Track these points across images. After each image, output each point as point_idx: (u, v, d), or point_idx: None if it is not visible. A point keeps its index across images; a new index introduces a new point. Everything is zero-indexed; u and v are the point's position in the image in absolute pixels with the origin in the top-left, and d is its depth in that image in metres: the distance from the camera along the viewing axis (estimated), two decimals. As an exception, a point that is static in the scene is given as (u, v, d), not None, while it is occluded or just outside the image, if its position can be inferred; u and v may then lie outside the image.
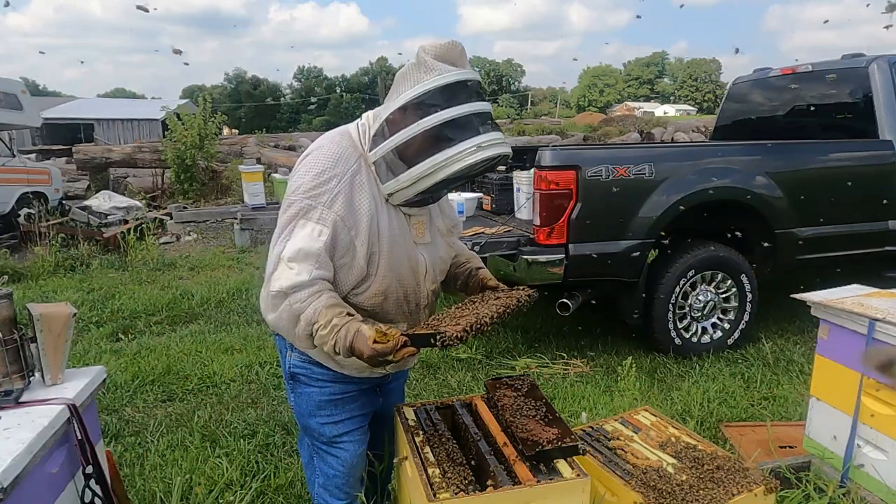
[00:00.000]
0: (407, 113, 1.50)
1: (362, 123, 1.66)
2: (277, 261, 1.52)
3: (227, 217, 9.79)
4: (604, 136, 20.97)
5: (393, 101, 1.54)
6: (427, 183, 1.52)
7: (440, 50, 1.51)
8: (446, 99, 1.47)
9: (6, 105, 9.31)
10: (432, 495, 1.50)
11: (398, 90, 1.53)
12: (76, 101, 36.55)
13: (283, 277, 1.49)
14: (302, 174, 1.56)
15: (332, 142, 1.61)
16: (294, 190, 1.55)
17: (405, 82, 1.52)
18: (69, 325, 1.69)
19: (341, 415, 1.77)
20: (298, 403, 1.80)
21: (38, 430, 1.43)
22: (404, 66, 1.57)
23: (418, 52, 1.52)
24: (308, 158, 1.59)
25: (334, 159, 1.56)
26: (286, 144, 19.12)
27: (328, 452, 1.80)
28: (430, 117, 1.47)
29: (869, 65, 4.34)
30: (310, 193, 1.53)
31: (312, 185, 1.53)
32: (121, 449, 2.90)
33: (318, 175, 1.54)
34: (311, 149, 1.62)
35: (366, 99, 61.96)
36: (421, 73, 1.49)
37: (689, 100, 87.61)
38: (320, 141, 1.64)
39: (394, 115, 1.53)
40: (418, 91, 1.48)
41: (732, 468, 1.87)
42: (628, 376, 3.30)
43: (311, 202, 1.52)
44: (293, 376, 1.77)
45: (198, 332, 4.65)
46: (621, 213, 3.63)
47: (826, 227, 4.07)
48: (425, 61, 1.49)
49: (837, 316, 2.30)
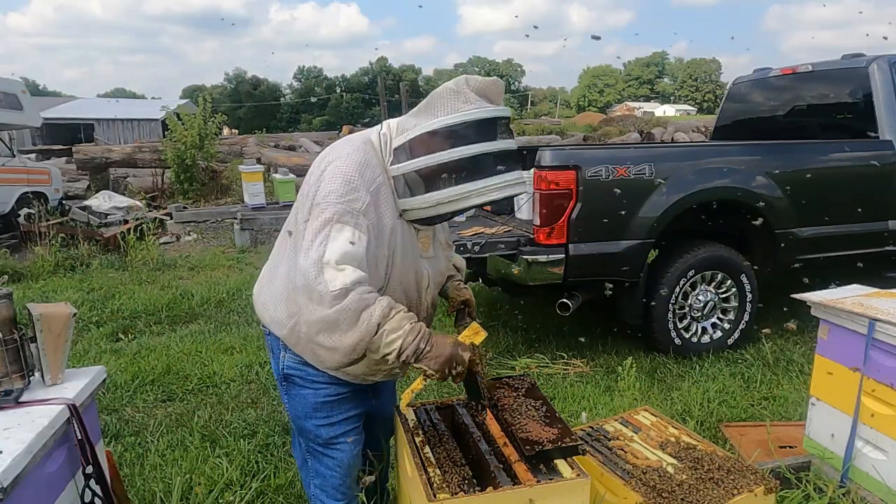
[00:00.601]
0: (439, 138, 1.51)
1: (383, 133, 1.64)
2: (321, 265, 1.46)
3: (227, 217, 9.78)
4: (604, 136, 20.97)
5: (425, 120, 1.54)
6: (448, 209, 1.56)
7: (482, 85, 1.54)
8: (481, 133, 1.51)
9: (6, 105, 9.31)
10: (432, 495, 1.50)
11: (432, 111, 1.54)
12: (76, 101, 36.56)
13: (338, 277, 1.45)
14: (330, 180, 1.53)
15: (357, 150, 1.59)
16: (325, 195, 1.51)
17: (441, 107, 1.53)
18: (69, 325, 1.69)
19: (337, 416, 1.76)
20: (293, 406, 1.78)
21: (38, 430, 1.43)
22: (441, 87, 1.57)
23: (459, 81, 1.54)
24: (334, 165, 1.56)
25: (361, 168, 1.55)
26: (286, 144, 19.13)
27: (324, 454, 1.79)
28: (465, 148, 1.49)
29: (869, 65, 4.34)
30: (344, 199, 1.50)
31: (345, 192, 1.51)
32: (121, 449, 2.90)
33: (348, 182, 1.52)
34: (335, 155, 1.59)
35: (365, 99, 61.96)
36: (459, 103, 1.51)
37: (689, 100, 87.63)
38: (344, 148, 1.61)
39: (424, 136, 1.53)
40: (455, 120, 1.50)
41: (732, 468, 1.87)
42: (628, 376, 3.30)
43: (346, 207, 1.50)
44: (287, 378, 1.75)
45: (198, 332, 4.65)
46: (621, 213, 3.63)
47: (826, 227, 4.06)
48: (466, 93, 1.52)
49: (837, 316, 2.30)
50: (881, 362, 2.15)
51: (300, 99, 71.01)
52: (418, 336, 1.50)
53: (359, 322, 1.45)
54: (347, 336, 1.46)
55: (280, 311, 1.69)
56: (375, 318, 1.46)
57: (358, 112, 61.54)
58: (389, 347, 1.48)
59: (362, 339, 1.46)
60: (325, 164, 1.58)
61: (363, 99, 63.53)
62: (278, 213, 8.58)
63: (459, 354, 1.54)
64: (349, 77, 77.26)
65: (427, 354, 1.50)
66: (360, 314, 1.45)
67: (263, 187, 8.97)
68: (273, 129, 48.92)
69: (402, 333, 1.48)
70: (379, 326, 1.46)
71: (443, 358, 1.51)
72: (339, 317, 1.45)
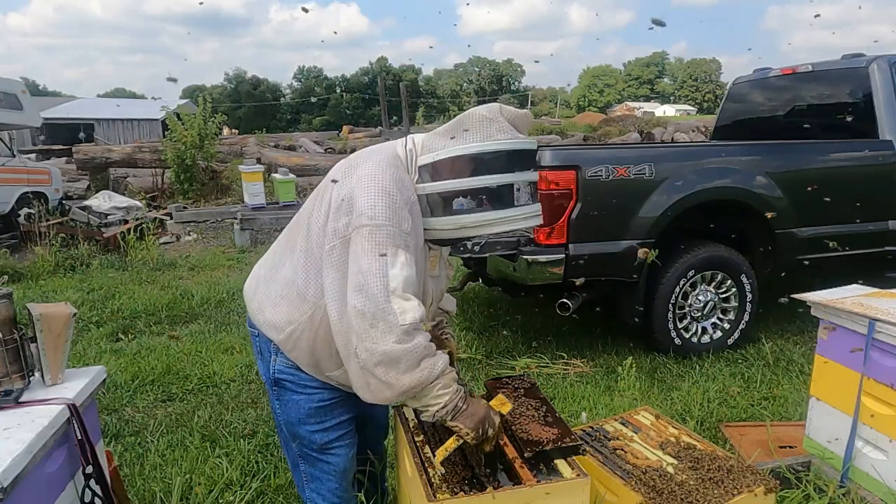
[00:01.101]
0: (470, 162, 1.52)
1: (410, 149, 1.61)
2: (387, 293, 1.43)
3: (227, 217, 9.79)
4: (604, 136, 20.97)
5: (455, 143, 1.54)
6: (470, 233, 1.58)
7: (514, 116, 1.57)
8: (512, 163, 1.53)
9: (6, 105, 9.31)
10: (432, 495, 1.50)
11: (462, 134, 1.54)
12: (76, 101, 36.55)
13: (407, 311, 1.44)
14: (373, 197, 1.47)
15: (391, 165, 1.56)
16: (373, 215, 1.45)
17: (474, 132, 1.53)
18: (69, 325, 1.69)
19: (331, 421, 1.73)
20: (286, 412, 1.75)
21: (38, 430, 1.43)
22: (472, 112, 1.57)
23: (493, 109, 1.55)
24: (373, 180, 1.50)
25: (399, 184, 1.52)
26: (286, 144, 19.11)
27: (319, 459, 1.77)
28: (498, 176, 1.52)
29: (869, 65, 4.34)
30: (392, 220, 1.46)
31: (391, 211, 1.47)
32: (121, 449, 2.90)
33: (392, 200, 1.48)
34: (369, 169, 1.53)
35: (365, 99, 61.98)
36: (493, 130, 1.52)
37: (689, 100, 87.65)
38: (377, 160, 1.56)
39: (454, 158, 1.53)
40: (490, 147, 1.51)
41: (732, 468, 1.87)
42: (628, 376, 3.30)
43: (396, 229, 1.47)
44: (278, 382, 1.72)
45: (198, 332, 4.65)
46: (621, 213, 3.63)
47: (826, 228, 4.06)
48: (500, 121, 1.54)
49: (837, 316, 2.30)
50: (881, 362, 2.15)
51: (300, 99, 71.03)
52: (459, 395, 1.51)
53: (419, 368, 1.45)
54: (405, 377, 1.44)
55: (279, 315, 1.65)
56: (437, 369, 1.47)
57: (358, 112, 61.60)
58: (436, 400, 1.48)
59: (419, 384, 1.45)
60: (358, 178, 1.52)
61: (363, 99, 63.54)
62: (278, 213, 8.59)
63: (492, 417, 1.54)
64: (349, 77, 77.30)
65: (463, 412, 1.50)
66: (422, 361, 1.45)
67: (263, 187, 8.98)
68: (273, 129, 48.92)
69: (450, 391, 1.49)
70: (437, 378, 1.47)
71: (477, 418, 1.51)
72: (403, 356, 1.43)
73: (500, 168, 1.52)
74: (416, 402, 1.51)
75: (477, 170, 1.51)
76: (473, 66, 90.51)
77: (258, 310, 1.72)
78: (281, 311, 1.65)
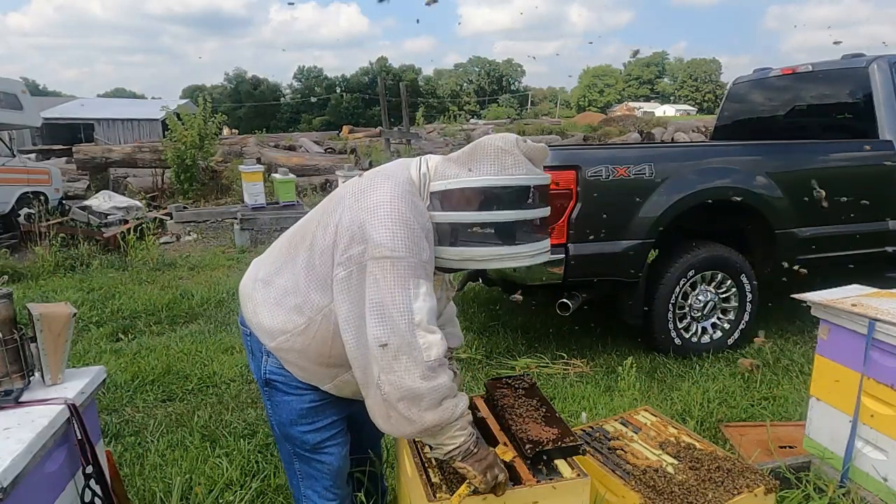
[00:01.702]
0: (481, 194, 1.49)
1: (424, 173, 1.57)
2: (413, 327, 1.42)
3: (227, 217, 9.79)
4: (604, 136, 20.98)
5: (470, 172, 1.50)
6: (476, 266, 1.57)
7: (531, 149, 1.53)
8: (524, 198, 1.51)
9: (6, 105, 9.31)
10: (432, 495, 1.50)
11: (478, 164, 1.50)
12: (76, 101, 36.56)
13: (432, 346, 1.44)
14: (391, 229, 1.44)
15: (406, 191, 1.51)
16: (394, 247, 1.42)
17: (489, 164, 1.49)
18: (69, 325, 1.69)
19: (323, 421, 1.73)
20: (277, 412, 1.75)
21: (38, 429, 1.43)
22: (487, 141, 1.53)
23: (509, 140, 1.51)
24: (389, 210, 1.46)
25: (415, 212, 1.48)
26: (286, 144, 19.12)
27: (312, 458, 1.77)
28: (509, 213, 1.49)
29: (869, 65, 4.34)
30: (412, 250, 1.44)
31: (411, 241, 1.44)
32: (121, 449, 2.90)
33: (410, 228, 1.45)
34: (384, 195, 1.49)
35: (366, 99, 61.97)
36: (508, 163, 1.48)
37: (689, 100, 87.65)
38: (392, 190, 1.50)
39: (466, 189, 1.50)
40: (502, 182, 1.48)
41: (732, 468, 1.87)
42: (628, 376, 3.30)
43: (417, 259, 1.44)
44: (269, 383, 1.72)
45: (198, 332, 4.65)
46: (621, 213, 3.63)
47: (826, 228, 4.07)
48: (515, 154, 1.49)
49: (837, 316, 2.30)
50: (881, 362, 2.15)
51: (300, 99, 71.03)
52: (472, 439, 1.51)
53: (441, 407, 1.45)
54: (427, 415, 1.44)
55: (273, 323, 1.64)
56: (458, 411, 1.47)
57: (358, 112, 61.55)
58: (452, 440, 1.49)
59: (439, 423, 1.45)
60: (374, 204, 1.48)
61: (363, 99, 63.50)
62: (278, 213, 8.59)
63: (500, 464, 1.52)
64: (349, 77, 77.26)
65: (473, 455, 1.49)
66: (444, 400, 1.45)
67: (263, 187, 8.98)
68: (273, 129, 48.89)
69: (466, 434, 1.49)
70: (457, 419, 1.47)
71: (485, 463, 1.50)
72: (427, 394, 1.43)
73: (512, 203, 1.49)
74: (432, 440, 1.50)
75: (488, 203, 1.48)
76: (473, 65, 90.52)
77: (253, 312, 1.71)
78: (276, 318, 1.64)
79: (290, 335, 1.61)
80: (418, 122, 24.58)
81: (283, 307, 1.62)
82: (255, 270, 1.80)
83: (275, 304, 1.65)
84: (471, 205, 1.50)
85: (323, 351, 1.60)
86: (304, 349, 1.61)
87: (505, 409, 1.82)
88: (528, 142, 1.54)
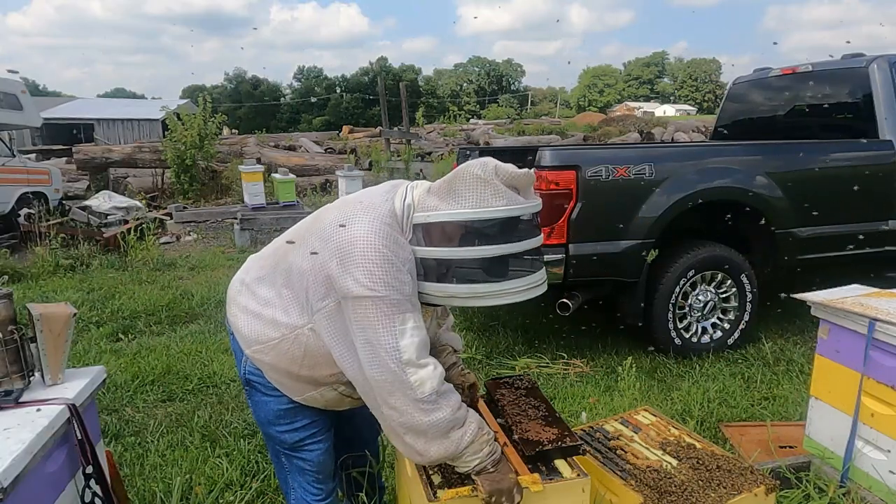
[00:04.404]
0: (460, 229, 1.42)
1: (408, 204, 1.50)
2: (402, 366, 1.39)
3: (227, 217, 9.80)
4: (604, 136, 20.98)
5: (447, 205, 1.43)
6: (460, 304, 1.48)
7: (513, 177, 1.43)
8: (508, 230, 1.42)
9: (6, 105, 9.32)
10: (432, 495, 1.50)
11: (456, 197, 1.42)
12: (76, 101, 36.58)
13: (425, 381, 1.40)
14: (370, 267, 1.39)
15: (384, 224, 1.44)
16: (373, 283, 1.38)
17: (467, 196, 1.40)
18: (69, 325, 1.69)
19: (300, 421, 1.73)
20: (257, 411, 1.77)
21: (38, 430, 1.43)
22: (466, 170, 1.43)
23: (488, 169, 1.41)
24: (366, 247, 1.40)
25: (394, 246, 1.42)
26: (286, 144, 19.14)
27: (294, 456, 1.79)
28: (491, 248, 1.40)
29: (869, 65, 4.34)
30: (393, 286, 1.39)
31: (391, 277, 1.39)
32: (121, 449, 2.90)
33: (390, 263, 1.40)
34: (363, 234, 1.42)
35: (366, 99, 61.95)
36: (488, 194, 1.39)
37: (689, 100, 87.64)
38: (370, 224, 1.43)
39: (443, 224, 1.43)
40: (481, 216, 1.39)
41: (732, 468, 1.87)
42: (628, 376, 3.30)
43: (399, 295, 1.40)
44: (249, 382, 1.73)
45: (198, 332, 4.65)
46: (621, 213, 3.63)
47: (826, 227, 4.06)
48: (494, 184, 1.40)
49: (837, 316, 2.30)
50: (881, 362, 2.15)
51: (300, 99, 71.01)
52: (490, 457, 1.49)
53: (448, 439, 1.44)
54: (433, 447, 1.44)
55: (250, 331, 1.65)
56: (466, 441, 1.46)
57: (358, 112, 61.54)
58: (467, 465, 1.49)
59: (447, 454, 1.45)
60: (351, 237, 1.43)
61: (363, 99, 63.48)
62: (278, 213, 8.60)
63: (514, 495, 1.48)
64: (349, 77, 77.24)
65: (489, 475, 1.48)
66: (451, 432, 1.44)
67: (263, 187, 8.98)
68: (273, 129, 48.92)
69: (481, 456, 1.48)
70: (465, 448, 1.46)
71: (497, 486, 1.46)
72: (429, 429, 1.42)
73: (494, 238, 1.40)
74: (449, 461, 1.51)
75: (468, 238, 1.41)
76: (473, 65, 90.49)
77: (234, 315, 1.73)
78: (252, 328, 1.65)
79: (264, 346, 1.62)
80: (418, 122, 24.58)
81: (260, 318, 1.63)
82: (244, 271, 1.81)
83: (253, 313, 1.66)
84: (451, 240, 1.43)
85: (292, 368, 1.61)
86: (275, 363, 1.63)
87: (505, 409, 1.82)
88: (509, 168, 1.43)
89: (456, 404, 1.46)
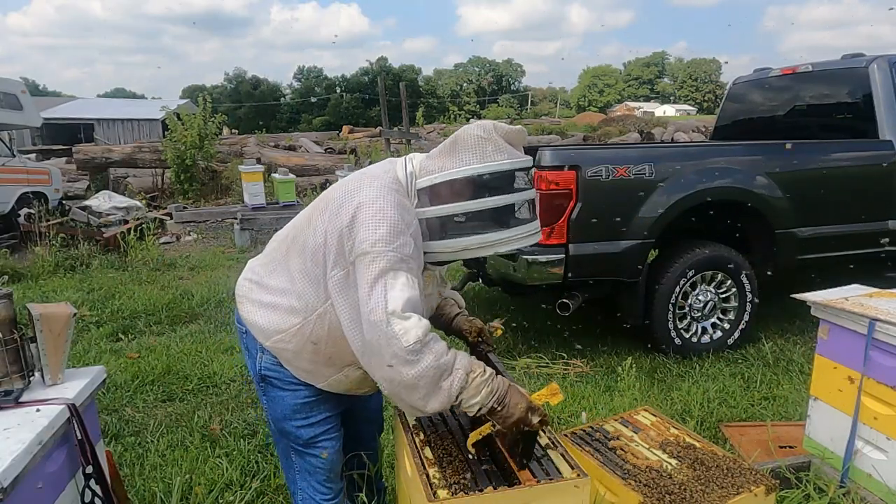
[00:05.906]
0: (469, 184, 1.52)
1: (410, 172, 1.60)
2: (387, 318, 1.42)
3: (227, 217, 9.80)
4: (604, 136, 20.99)
5: (452, 164, 1.54)
6: (471, 255, 1.57)
7: (509, 133, 1.56)
8: (509, 183, 1.54)
9: (6, 105, 9.32)
10: (432, 495, 1.49)
11: (460, 156, 1.53)
12: (76, 101, 36.58)
13: (409, 330, 1.42)
14: (374, 224, 1.47)
15: (391, 189, 1.54)
16: (374, 242, 1.45)
17: (471, 153, 1.52)
18: (69, 325, 1.69)
19: (316, 416, 1.75)
20: (272, 408, 1.78)
21: (38, 430, 1.43)
22: (466, 131, 1.55)
23: (487, 127, 1.54)
24: (374, 207, 1.49)
25: (401, 210, 1.50)
26: (286, 144, 19.14)
27: (306, 453, 1.80)
28: (497, 198, 1.52)
29: (869, 65, 4.34)
30: (393, 246, 1.45)
31: (392, 238, 1.46)
32: (121, 449, 2.90)
33: (394, 226, 1.47)
34: (369, 195, 1.51)
35: (366, 99, 61.95)
36: (489, 150, 1.51)
37: (689, 100, 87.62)
38: (377, 185, 1.54)
39: (453, 181, 1.53)
40: (488, 169, 1.51)
41: (732, 468, 1.87)
42: (628, 376, 3.30)
43: (397, 254, 1.45)
44: (264, 379, 1.75)
45: (198, 332, 4.65)
46: (621, 213, 3.63)
47: (826, 227, 4.06)
48: (496, 140, 1.52)
49: (837, 316, 2.30)
50: (881, 362, 2.15)
51: (300, 99, 71.01)
52: (493, 397, 1.49)
53: (439, 390, 1.45)
54: (429, 402, 1.46)
55: (269, 323, 1.67)
56: (455, 388, 1.46)
57: (358, 112, 61.52)
58: (469, 410, 1.51)
59: (443, 405, 1.47)
60: (358, 202, 1.51)
61: (363, 99, 63.48)
62: (278, 213, 8.59)
63: (528, 418, 1.50)
64: (349, 77, 77.23)
65: (499, 413, 1.49)
66: (440, 382, 1.45)
67: (263, 187, 8.98)
68: (273, 129, 48.87)
69: (479, 399, 1.48)
70: (459, 395, 1.47)
71: (511, 420, 1.49)
72: (419, 381, 1.43)
73: (499, 188, 1.52)
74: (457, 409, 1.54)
75: (476, 192, 1.51)
76: (473, 66, 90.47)
77: (248, 312, 1.75)
78: (271, 319, 1.67)
79: (285, 335, 1.64)
80: (418, 122, 24.59)
81: (278, 308, 1.65)
82: (249, 271, 1.84)
83: (269, 305, 1.68)
84: (458, 196, 1.53)
85: (318, 351, 1.63)
86: (299, 349, 1.64)
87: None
88: (504, 126, 1.56)
89: (440, 351, 1.46)
